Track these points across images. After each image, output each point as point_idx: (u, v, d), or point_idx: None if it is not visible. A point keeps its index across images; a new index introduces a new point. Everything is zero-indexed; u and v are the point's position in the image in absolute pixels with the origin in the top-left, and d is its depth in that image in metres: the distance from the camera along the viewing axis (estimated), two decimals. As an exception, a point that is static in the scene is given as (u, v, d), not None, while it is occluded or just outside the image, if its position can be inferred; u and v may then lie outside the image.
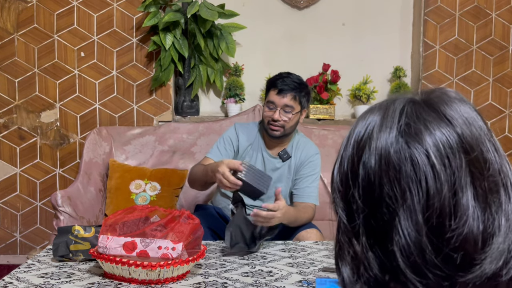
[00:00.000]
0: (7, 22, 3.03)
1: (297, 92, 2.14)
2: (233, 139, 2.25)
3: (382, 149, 0.57)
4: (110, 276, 1.52)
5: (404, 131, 0.57)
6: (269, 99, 2.15)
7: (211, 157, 2.21)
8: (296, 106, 2.14)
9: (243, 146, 2.24)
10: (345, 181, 0.60)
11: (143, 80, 3.08)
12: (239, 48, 3.13)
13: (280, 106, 2.12)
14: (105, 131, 2.91)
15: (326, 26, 3.23)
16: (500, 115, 3.21)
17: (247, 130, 2.27)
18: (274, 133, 2.15)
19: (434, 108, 0.58)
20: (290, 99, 2.12)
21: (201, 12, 2.84)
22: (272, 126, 2.14)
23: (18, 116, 3.07)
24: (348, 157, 0.60)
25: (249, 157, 2.23)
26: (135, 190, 2.69)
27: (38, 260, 1.69)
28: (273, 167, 2.22)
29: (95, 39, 3.06)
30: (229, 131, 2.29)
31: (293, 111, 2.13)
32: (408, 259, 0.55)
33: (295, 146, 2.25)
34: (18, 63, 3.05)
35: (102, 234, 1.53)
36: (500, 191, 0.56)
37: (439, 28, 3.15)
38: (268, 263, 1.71)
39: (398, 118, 0.58)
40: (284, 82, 2.13)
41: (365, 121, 0.60)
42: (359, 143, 0.59)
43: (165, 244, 1.49)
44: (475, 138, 0.57)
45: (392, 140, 0.56)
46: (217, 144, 2.26)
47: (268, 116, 2.15)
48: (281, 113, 2.12)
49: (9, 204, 3.09)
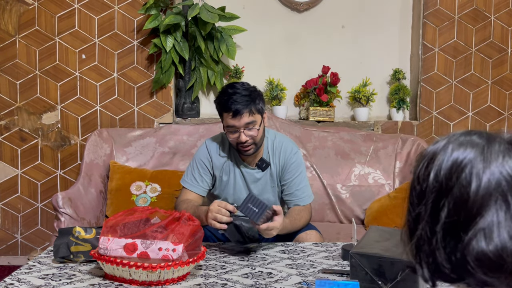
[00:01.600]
0: (9, 24, 3.05)
1: (252, 105, 2.01)
2: (206, 161, 2.14)
3: (488, 187, 0.69)
4: (111, 278, 1.53)
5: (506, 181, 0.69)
6: (227, 123, 2.02)
7: (190, 189, 2.13)
8: (257, 118, 2.03)
9: (217, 166, 2.14)
10: (435, 201, 0.71)
11: (143, 82, 3.10)
12: (240, 50, 3.14)
13: (241, 127, 2.00)
14: (106, 133, 2.92)
15: (326, 28, 3.24)
16: (499, 117, 3.22)
17: (219, 147, 2.15)
18: (248, 152, 2.06)
19: None
20: (248, 117, 2.00)
21: (201, 15, 2.85)
22: (242, 147, 2.03)
23: (19, 117, 3.08)
24: (441, 183, 0.72)
25: (226, 175, 2.14)
26: (136, 191, 2.70)
27: (39, 262, 1.70)
28: (253, 179, 2.14)
29: (96, 41, 3.07)
30: (201, 152, 2.17)
31: (256, 125, 2.02)
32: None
33: (271, 151, 2.15)
34: (19, 65, 3.07)
35: (103, 235, 1.54)
36: None
37: (438, 30, 3.16)
38: (268, 264, 1.72)
39: (501, 160, 0.70)
40: (235, 102, 1.98)
41: (463, 154, 0.71)
42: (456, 170, 0.71)
43: (165, 246, 1.50)
44: None
45: (498, 181, 0.69)
46: (191, 170, 2.16)
47: (234, 140, 2.03)
48: (246, 133, 2.01)
49: (10, 205, 3.11)
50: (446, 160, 0.72)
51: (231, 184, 2.15)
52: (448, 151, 0.73)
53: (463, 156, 0.71)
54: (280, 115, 3.11)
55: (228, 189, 2.16)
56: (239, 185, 2.15)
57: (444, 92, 3.20)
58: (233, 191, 2.16)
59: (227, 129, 2.04)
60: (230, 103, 1.99)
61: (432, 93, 3.19)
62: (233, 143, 2.05)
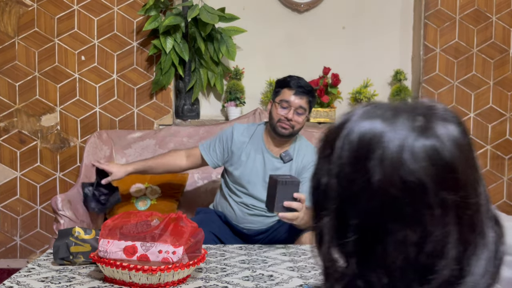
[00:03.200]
0: (8, 26, 3.04)
1: (311, 97, 2.19)
2: (227, 139, 2.28)
3: (388, 169, 0.52)
4: (111, 280, 1.52)
5: (405, 155, 0.52)
6: (284, 98, 2.16)
7: (201, 149, 2.31)
8: (307, 110, 2.19)
9: (237, 143, 2.26)
10: (343, 198, 0.55)
11: (143, 84, 3.08)
12: (240, 51, 3.13)
13: (294, 106, 2.15)
14: (105, 135, 2.91)
15: (326, 29, 3.23)
16: (501, 118, 3.21)
17: (245, 130, 2.29)
18: (284, 131, 2.17)
19: (435, 134, 0.53)
20: (305, 102, 2.16)
21: (201, 16, 2.84)
22: (283, 124, 2.16)
23: (18, 119, 3.07)
24: (348, 170, 0.54)
25: (246, 155, 2.23)
26: (136, 194, 2.68)
27: (38, 264, 1.69)
28: (273, 167, 2.22)
29: (95, 42, 3.06)
30: (226, 131, 2.32)
31: (305, 114, 2.18)
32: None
33: (297, 149, 2.25)
34: (18, 67, 3.05)
35: (102, 238, 1.52)
36: (477, 229, 0.54)
37: (439, 31, 3.15)
38: (269, 267, 1.71)
39: (404, 137, 0.53)
40: (300, 84, 2.16)
41: (371, 127, 0.54)
42: (362, 153, 0.54)
43: (165, 248, 1.49)
44: (467, 172, 0.53)
45: (398, 161, 0.52)
46: (213, 140, 2.33)
47: (281, 115, 2.16)
48: (294, 114, 2.15)
49: (9, 207, 3.09)
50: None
51: (249, 166, 2.22)
52: (351, 126, 0.57)
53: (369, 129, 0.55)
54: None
55: (245, 168, 2.23)
56: (256, 169, 2.22)
57: (445, 93, 3.18)
58: (249, 172, 2.22)
59: (280, 104, 2.16)
60: (295, 83, 2.16)
61: (434, 94, 3.18)
62: (277, 117, 2.16)
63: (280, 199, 1.75)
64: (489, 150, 3.20)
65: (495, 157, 3.20)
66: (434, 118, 0.55)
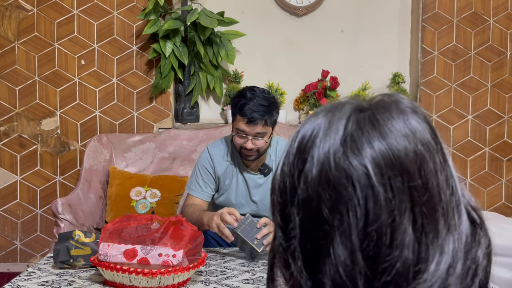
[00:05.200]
0: (8, 31, 3.05)
1: (268, 116, 1.98)
2: (209, 167, 2.14)
3: (324, 159, 0.50)
4: (111, 284, 1.52)
5: (345, 142, 0.50)
6: (238, 127, 1.99)
7: (195, 195, 2.13)
8: (268, 129, 2.01)
9: (220, 171, 2.14)
10: (284, 192, 0.53)
11: (143, 88, 3.09)
12: (239, 55, 3.14)
13: (251, 135, 1.98)
14: (105, 138, 2.91)
15: (325, 32, 3.24)
16: (499, 121, 3.22)
17: (221, 152, 2.15)
18: (249, 158, 2.05)
19: (377, 120, 0.51)
20: (261, 127, 1.98)
21: (200, 20, 2.85)
22: (246, 152, 2.02)
23: (18, 123, 3.08)
24: (290, 164, 0.53)
25: (228, 179, 2.14)
26: (136, 197, 2.69)
27: (39, 268, 1.69)
28: (255, 184, 2.13)
29: (95, 47, 3.07)
30: (203, 158, 2.17)
31: (266, 136, 2.01)
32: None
33: (274, 155, 2.15)
34: (18, 71, 3.06)
35: (102, 241, 1.53)
36: (438, 218, 0.50)
37: (437, 34, 3.16)
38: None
39: (344, 126, 0.51)
40: (252, 109, 1.95)
41: (312, 124, 0.53)
42: (302, 148, 0.52)
43: (165, 251, 1.49)
44: (419, 156, 0.50)
45: (336, 150, 0.50)
46: (195, 177, 2.15)
47: (239, 144, 2.02)
48: (253, 141, 1.99)
49: (10, 211, 3.10)
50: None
51: (233, 189, 2.15)
52: (298, 129, 0.55)
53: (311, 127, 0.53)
54: (280, 119, 3.07)
55: (229, 193, 2.16)
56: (241, 190, 2.15)
57: (443, 96, 3.19)
58: (235, 195, 2.15)
59: (236, 132, 2.02)
60: (247, 109, 1.95)
61: (432, 96, 3.19)
62: (237, 146, 2.04)
63: (252, 239, 1.78)
64: (488, 152, 3.21)
65: (493, 159, 3.21)
66: (382, 109, 0.53)
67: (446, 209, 0.51)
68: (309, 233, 0.50)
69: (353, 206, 0.48)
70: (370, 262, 0.48)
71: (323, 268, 0.49)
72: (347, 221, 0.48)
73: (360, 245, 0.48)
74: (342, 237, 0.48)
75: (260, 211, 2.15)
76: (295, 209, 0.51)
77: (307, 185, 0.50)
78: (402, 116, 0.52)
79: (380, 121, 0.51)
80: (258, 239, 1.78)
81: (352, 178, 0.49)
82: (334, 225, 0.49)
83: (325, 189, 0.49)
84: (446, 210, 0.50)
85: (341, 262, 0.48)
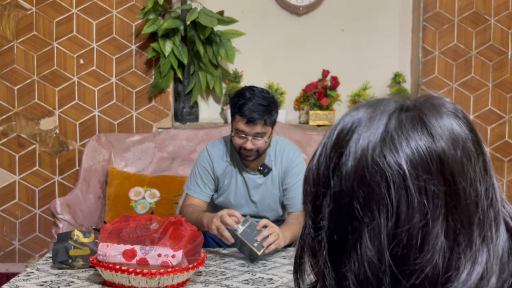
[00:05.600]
0: (7, 30, 3.04)
1: (267, 116, 1.97)
2: (208, 167, 2.13)
3: (361, 155, 0.50)
4: (110, 284, 1.51)
5: (384, 140, 0.50)
6: (238, 127, 1.98)
7: (194, 195, 2.12)
8: (268, 130, 2.01)
9: (219, 171, 2.13)
10: (318, 183, 0.53)
11: (142, 87, 3.08)
12: (239, 54, 3.13)
13: (251, 135, 1.98)
14: (104, 138, 2.90)
15: (325, 32, 3.23)
16: (500, 121, 3.21)
17: (220, 152, 2.14)
18: (249, 158, 2.04)
19: (420, 121, 0.51)
20: (261, 127, 1.97)
21: (200, 19, 2.84)
22: (245, 152, 2.01)
23: (17, 123, 3.06)
24: (327, 156, 0.52)
25: (228, 179, 2.13)
26: (135, 197, 2.68)
27: (37, 268, 1.68)
28: (255, 184, 2.12)
29: (94, 46, 3.06)
30: (202, 158, 2.16)
31: (265, 136, 2.01)
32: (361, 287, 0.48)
33: (273, 155, 2.13)
34: (17, 71, 3.05)
35: (101, 241, 1.52)
36: (473, 228, 0.49)
37: (438, 33, 3.15)
38: (268, 270, 1.70)
39: (385, 123, 0.51)
40: (252, 109, 1.94)
41: (352, 117, 0.53)
42: (340, 141, 0.52)
43: (165, 252, 1.48)
44: (459, 162, 0.49)
45: (374, 146, 0.50)
46: (194, 177, 2.14)
47: (238, 144, 2.01)
48: (253, 141, 1.98)
49: (8, 212, 3.08)
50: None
51: (232, 189, 2.14)
52: (339, 119, 0.55)
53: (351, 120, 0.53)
54: (280, 119, 3.07)
55: (229, 193, 2.15)
56: (240, 190, 2.14)
57: (444, 96, 3.18)
58: (234, 195, 2.14)
59: (235, 132, 2.01)
60: (246, 109, 1.95)
61: (433, 96, 3.18)
62: (237, 146, 2.03)
63: (252, 241, 1.76)
64: (489, 152, 3.20)
65: (494, 159, 3.19)
66: (427, 110, 0.53)
67: (483, 220, 0.50)
68: (338, 226, 0.50)
69: (384, 205, 0.48)
70: (398, 262, 0.48)
71: (347, 261, 0.49)
72: (377, 219, 0.48)
73: (389, 244, 0.48)
74: (371, 234, 0.48)
75: (260, 211, 2.14)
76: (326, 201, 0.51)
77: (341, 178, 0.50)
78: (445, 121, 0.52)
79: (423, 122, 0.51)
80: (258, 242, 1.77)
81: (387, 176, 0.48)
82: (364, 221, 0.48)
83: (359, 185, 0.49)
84: (482, 221, 0.50)
85: (367, 259, 0.48)
